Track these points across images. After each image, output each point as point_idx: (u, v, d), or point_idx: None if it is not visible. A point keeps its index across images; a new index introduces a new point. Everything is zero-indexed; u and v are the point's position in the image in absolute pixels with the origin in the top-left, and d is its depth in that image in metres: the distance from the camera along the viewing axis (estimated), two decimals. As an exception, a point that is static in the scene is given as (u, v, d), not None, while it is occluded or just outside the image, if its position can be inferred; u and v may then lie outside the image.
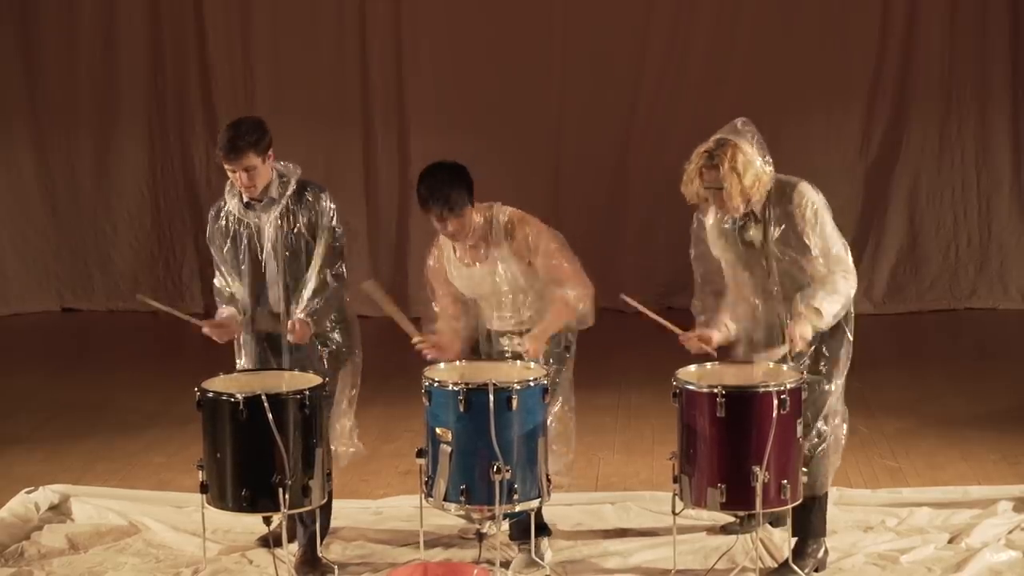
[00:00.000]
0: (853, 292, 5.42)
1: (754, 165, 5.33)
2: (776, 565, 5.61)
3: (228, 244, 5.76)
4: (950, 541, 5.92)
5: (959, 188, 11.35)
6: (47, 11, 11.55)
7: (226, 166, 5.63)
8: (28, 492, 6.53)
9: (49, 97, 11.66)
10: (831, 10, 11.27)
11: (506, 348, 5.72)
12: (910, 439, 7.51)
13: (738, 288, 5.57)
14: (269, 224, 5.68)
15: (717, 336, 5.55)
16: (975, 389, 8.66)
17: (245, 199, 5.72)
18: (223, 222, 5.78)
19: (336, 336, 5.80)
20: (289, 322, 5.67)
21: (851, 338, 5.51)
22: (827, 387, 5.48)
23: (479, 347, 5.84)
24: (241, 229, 5.73)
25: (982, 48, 11.23)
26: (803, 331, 5.29)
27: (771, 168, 5.41)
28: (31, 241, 11.74)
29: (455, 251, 5.77)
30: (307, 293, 5.67)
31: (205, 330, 5.73)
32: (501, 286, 5.68)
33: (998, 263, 11.33)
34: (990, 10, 11.20)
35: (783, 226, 5.38)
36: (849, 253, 5.44)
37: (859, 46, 11.28)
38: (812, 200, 5.39)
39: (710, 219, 5.57)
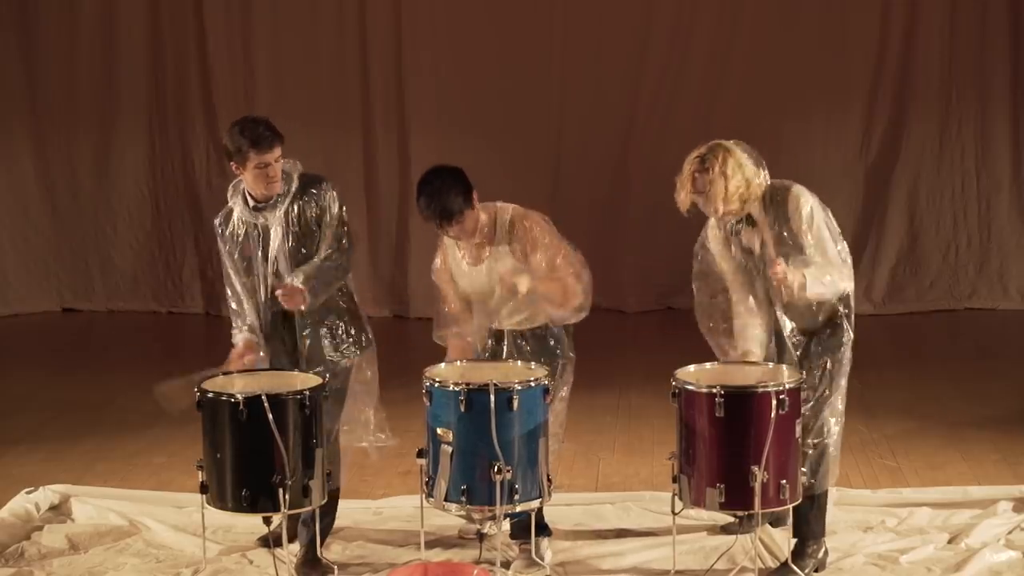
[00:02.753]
0: (845, 288, 5.41)
1: (743, 169, 5.33)
2: (776, 565, 5.62)
3: (239, 249, 5.72)
4: (950, 541, 5.92)
5: (959, 188, 11.36)
6: (47, 11, 11.55)
7: (256, 160, 5.51)
8: (28, 492, 6.53)
9: (49, 97, 11.66)
10: (831, 10, 11.27)
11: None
12: (910, 439, 7.51)
13: (746, 307, 5.56)
14: (277, 223, 5.65)
15: None
16: (975, 389, 8.66)
17: (251, 203, 5.69)
18: (233, 228, 5.73)
19: (343, 333, 5.78)
20: (282, 285, 5.58)
21: (852, 336, 5.51)
22: (830, 387, 5.48)
23: (489, 347, 5.84)
24: (252, 232, 5.69)
25: (982, 48, 11.23)
26: (790, 275, 5.24)
27: (765, 175, 5.41)
28: (31, 241, 11.75)
29: (459, 250, 5.77)
30: (308, 267, 5.60)
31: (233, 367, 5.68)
32: (498, 283, 5.68)
33: (998, 263, 11.34)
34: (990, 10, 11.21)
35: (778, 228, 5.39)
36: (848, 255, 5.44)
37: (859, 46, 11.29)
38: (806, 201, 5.39)
39: (713, 232, 5.57)
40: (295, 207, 5.65)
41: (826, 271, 5.34)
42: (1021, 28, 11.21)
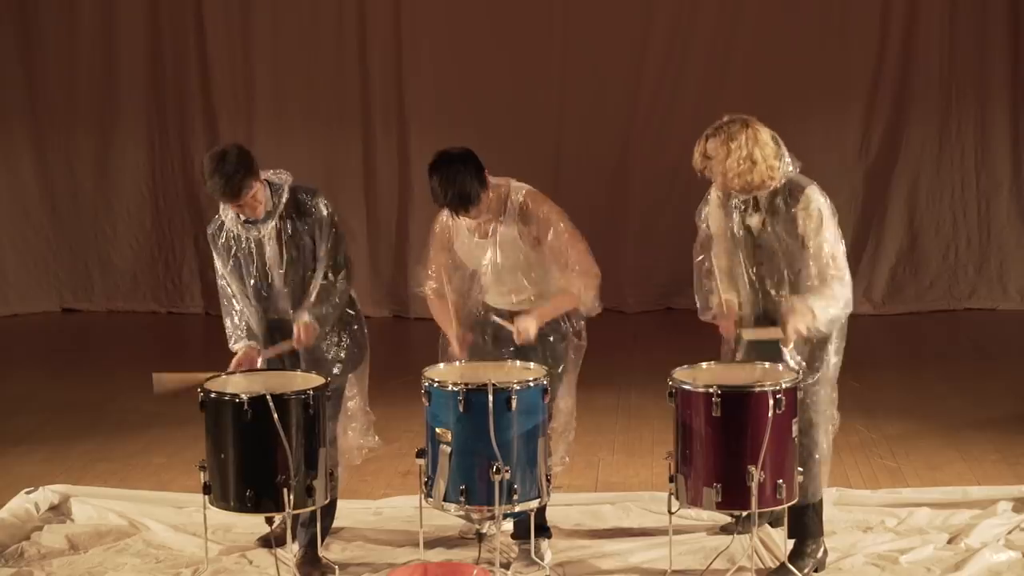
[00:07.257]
0: (850, 299, 5.41)
1: (756, 150, 5.35)
2: (775, 565, 5.62)
3: (231, 262, 5.72)
4: (949, 541, 5.92)
5: (959, 188, 11.36)
6: (47, 11, 11.56)
7: (233, 204, 5.53)
8: (28, 492, 6.53)
9: (49, 97, 11.67)
10: (831, 10, 11.28)
11: (498, 320, 5.72)
12: (910, 440, 7.51)
13: (725, 263, 5.59)
14: (270, 237, 5.64)
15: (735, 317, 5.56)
16: (974, 389, 8.66)
17: (242, 217, 5.67)
18: (224, 240, 5.73)
19: (347, 338, 5.79)
20: (294, 327, 5.65)
21: (842, 344, 5.51)
22: (818, 394, 5.48)
23: (478, 320, 5.84)
24: (243, 245, 5.69)
25: (982, 48, 11.24)
26: (798, 324, 5.29)
27: (783, 166, 5.42)
28: (31, 241, 11.76)
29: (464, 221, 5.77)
30: (313, 297, 5.65)
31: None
32: (503, 262, 5.68)
33: (997, 264, 11.34)
34: (990, 10, 11.21)
35: (783, 223, 5.40)
36: (846, 263, 5.44)
37: (859, 46, 11.29)
38: (818, 204, 5.39)
39: (715, 192, 5.59)
40: (287, 220, 5.64)
41: (831, 288, 5.33)
42: (1021, 28, 11.21)
